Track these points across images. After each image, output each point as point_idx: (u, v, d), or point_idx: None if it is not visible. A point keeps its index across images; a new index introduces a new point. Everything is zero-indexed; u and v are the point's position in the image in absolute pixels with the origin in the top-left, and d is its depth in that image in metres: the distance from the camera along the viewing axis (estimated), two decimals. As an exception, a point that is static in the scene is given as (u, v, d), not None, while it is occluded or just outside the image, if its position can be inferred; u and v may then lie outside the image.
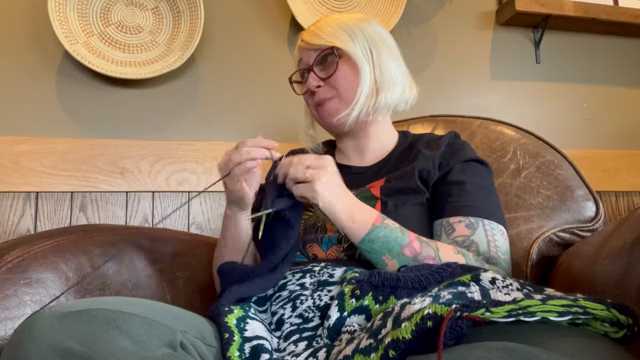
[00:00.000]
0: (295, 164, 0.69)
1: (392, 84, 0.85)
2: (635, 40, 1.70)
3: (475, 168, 0.83)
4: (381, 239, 0.69)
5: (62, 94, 1.25)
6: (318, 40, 0.85)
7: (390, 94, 0.85)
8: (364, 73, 0.83)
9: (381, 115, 0.88)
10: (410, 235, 0.71)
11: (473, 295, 0.49)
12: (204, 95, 1.34)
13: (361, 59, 0.83)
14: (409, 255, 0.68)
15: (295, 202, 0.71)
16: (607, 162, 1.56)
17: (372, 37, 0.86)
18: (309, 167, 0.68)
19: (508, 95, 1.57)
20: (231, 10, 1.39)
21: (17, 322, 0.67)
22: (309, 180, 0.67)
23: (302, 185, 0.68)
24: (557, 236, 0.94)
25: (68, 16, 1.21)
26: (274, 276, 0.69)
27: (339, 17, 0.88)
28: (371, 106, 0.85)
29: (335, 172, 0.70)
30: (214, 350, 0.57)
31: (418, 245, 0.69)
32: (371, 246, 0.69)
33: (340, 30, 0.85)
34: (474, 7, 1.58)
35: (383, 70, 0.85)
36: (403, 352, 0.42)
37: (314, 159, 0.70)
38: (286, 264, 0.70)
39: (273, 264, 0.69)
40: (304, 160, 0.69)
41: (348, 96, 0.84)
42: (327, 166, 0.69)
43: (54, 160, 1.20)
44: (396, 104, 0.87)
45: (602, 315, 0.41)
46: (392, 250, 0.69)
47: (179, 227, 1.26)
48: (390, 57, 0.87)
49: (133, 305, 0.53)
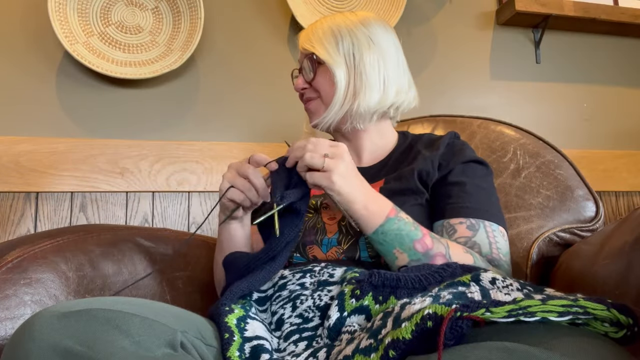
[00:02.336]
0: (310, 150, 0.67)
1: (370, 89, 0.84)
2: (635, 40, 1.70)
3: (475, 169, 0.83)
4: (394, 231, 0.68)
5: (62, 94, 1.25)
6: (306, 44, 0.88)
7: (367, 100, 0.83)
8: (339, 79, 0.84)
9: (361, 121, 0.87)
10: (423, 230, 0.70)
11: (473, 295, 0.49)
12: (204, 95, 1.34)
13: (337, 65, 0.83)
14: (420, 250, 0.68)
15: (306, 191, 0.69)
16: (607, 162, 1.56)
17: (360, 40, 0.85)
18: (326, 156, 0.67)
19: (508, 95, 1.57)
20: (231, 10, 1.39)
21: (17, 322, 0.67)
22: (326, 169, 0.66)
23: (318, 174, 0.67)
24: (557, 236, 0.94)
25: (68, 16, 1.21)
26: (275, 265, 0.69)
27: (335, 19, 0.88)
28: (348, 111, 0.85)
29: (351, 161, 0.69)
30: (214, 350, 0.57)
31: (430, 241, 0.69)
32: (383, 238, 0.69)
33: (328, 34, 0.86)
34: (474, 7, 1.58)
35: (363, 76, 0.84)
36: (403, 352, 0.42)
37: (330, 146, 0.69)
38: (287, 252, 0.70)
39: (274, 252, 0.68)
40: (320, 147, 0.68)
41: (327, 100, 0.86)
42: (344, 154, 0.68)
43: (54, 160, 1.20)
44: (375, 109, 0.85)
45: (602, 315, 0.41)
46: (403, 244, 0.68)
47: (179, 227, 1.26)
48: (377, 62, 0.85)
49: (133, 305, 0.53)
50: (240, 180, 0.73)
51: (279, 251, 0.69)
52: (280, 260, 0.70)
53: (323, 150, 0.67)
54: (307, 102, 0.90)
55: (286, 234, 0.68)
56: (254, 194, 0.74)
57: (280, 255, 0.69)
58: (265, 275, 0.68)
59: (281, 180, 0.70)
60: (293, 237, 0.69)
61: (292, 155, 0.69)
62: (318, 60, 0.86)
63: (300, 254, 0.79)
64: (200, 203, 1.29)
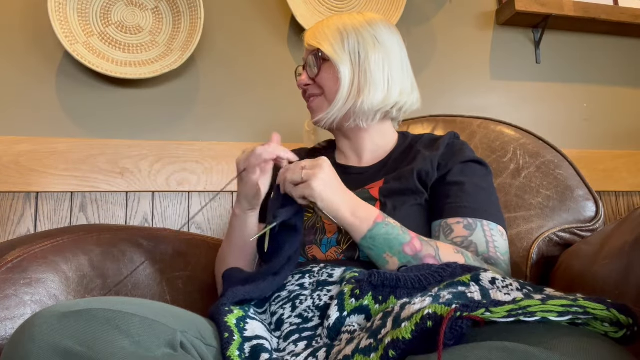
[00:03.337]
0: (292, 168, 0.72)
1: (374, 87, 0.84)
2: (635, 40, 1.70)
3: (475, 169, 0.83)
4: (383, 236, 0.69)
5: (62, 94, 1.25)
6: (311, 40, 0.88)
7: (371, 98, 0.84)
8: (343, 76, 0.84)
9: (364, 120, 0.88)
10: (411, 233, 0.71)
11: (473, 295, 0.49)
12: (204, 95, 1.35)
13: (342, 62, 0.84)
14: (410, 253, 0.69)
15: (298, 208, 0.72)
16: (607, 162, 1.56)
17: (365, 39, 0.86)
18: (304, 168, 0.71)
19: (508, 95, 1.57)
20: (231, 10, 1.39)
21: (17, 322, 0.67)
22: (305, 179, 0.69)
23: (300, 186, 0.70)
24: (557, 236, 0.94)
25: (68, 16, 1.21)
26: (278, 279, 0.70)
27: (341, 18, 0.89)
28: (351, 109, 0.85)
29: (330, 170, 0.72)
30: (214, 350, 0.57)
31: (418, 244, 0.70)
32: (372, 243, 0.70)
33: (335, 31, 0.86)
34: (474, 7, 1.58)
35: (367, 74, 0.84)
36: (403, 352, 0.42)
37: (309, 161, 0.72)
38: (289, 267, 0.71)
39: (276, 268, 0.70)
40: (300, 163, 0.72)
41: (331, 97, 0.86)
42: (323, 164, 0.71)
43: (54, 160, 1.20)
44: (379, 108, 0.86)
45: (602, 315, 0.41)
46: (392, 248, 0.69)
47: (178, 227, 1.26)
48: (382, 61, 0.86)
49: (133, 305, 0.53)
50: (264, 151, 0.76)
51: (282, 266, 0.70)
52: (284, 274, 0.71)
53: (302, 164, 0.72)
54: (310, 98, 0.91)
55: (287, 249, 0.70)
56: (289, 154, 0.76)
57: (283, 269, 0.71)
58: (267, 286, 0.69)
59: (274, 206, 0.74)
60: (294, 251, 0.72)
61: (280, 179, 0.73)
62: (323, 56, 0.86)
63: (300, 254, 0.79)
64: (200, 203, 1.29)
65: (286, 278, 0.71)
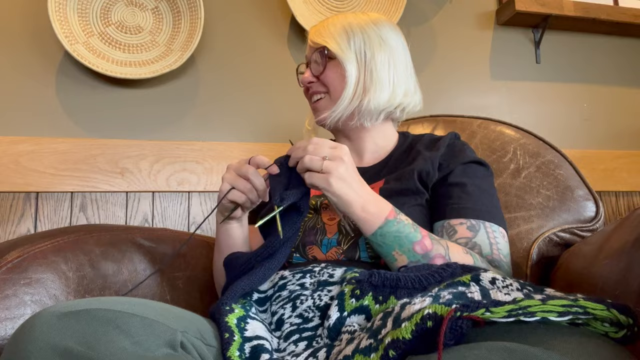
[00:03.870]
0: (311, 152, 0.68)
1: (380, 87, 0.84)
2: (635, 40, 1.70)
3: (476, 169, 0.83)
4: (393, 233, 0.68)
5: (62, 94, 1.25)
6: (317, 38, 0.88)
7: (377, 97, 0.84)
8: (350, 74, 0.84)
9: (368, 119, 0.87)
10: (422, 231, 0.70)
11: (473, 295, 0.49)
12: (204, 95, 1.34)
13: (349, 60, 0.84)
14: (420, 252, 0.68)
15: (306, 191, 0.70)
16: (607, 162, 1.56)
17: (371, 39, 0.86)
18: (325, 159, 0.67)
19: (508, 95, 1.57)
20: (231, 10, 1.39)
21: (17, 322, 0.67)
22: (324, 171, 0.66)
23: (316, 176, 0.67)
24: (557, 236, 0.94)
25: (68, 16, 1.21)
26: (274, 262, 0.69)
27: (346, 17, 0.89)
28: (356, 108, 0.85)
29: (351, 163, 0.69)
30: (214, 350, 0.57)
31: (429, 243, 0.69)
32: (382, 240, 0.68)
33: (340, 30, 0.86)
34: (474, 7, 1.58)
35: (373, 73, 0.84)
36: (403, 352, 0.42)
37: (331, 147, 0.69)
38: (286, 249, 0.70)
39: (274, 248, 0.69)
40: (320, 149, 0.68)
41: (336, 95, 0.86)
42: (344, 157, 0.68)
43: (54, 160, 1.20)
44: (383, 108, 0.86)
45: (602, 315, 0.41)
46: (402, 246, 0.68)
47: (179, 227, 1.26)
48: (388, 61, 0.86)
49: (133, 305, 0.53)
50: (241, 182, 0.73)
51: (277, 248, 0.69)
52: (280, 257, 0.70)
53: (323, 152, 0.68)
54: (314, 97, 0.90)
55: (285, 231, 0.69)
56: (255, 194, 0.74)
57: (279, 252, 0.70)
58: (265, 272, 0.68)
59: (280, 181, 0.71)
60: (292, 234, 0.70)
61: (293, 156, 0.70)
62: (329, 54, 0.86)
63: (300, 254, 0.79)
64: (200, 203, 1.29)
65: (283, 260, 0.70)
